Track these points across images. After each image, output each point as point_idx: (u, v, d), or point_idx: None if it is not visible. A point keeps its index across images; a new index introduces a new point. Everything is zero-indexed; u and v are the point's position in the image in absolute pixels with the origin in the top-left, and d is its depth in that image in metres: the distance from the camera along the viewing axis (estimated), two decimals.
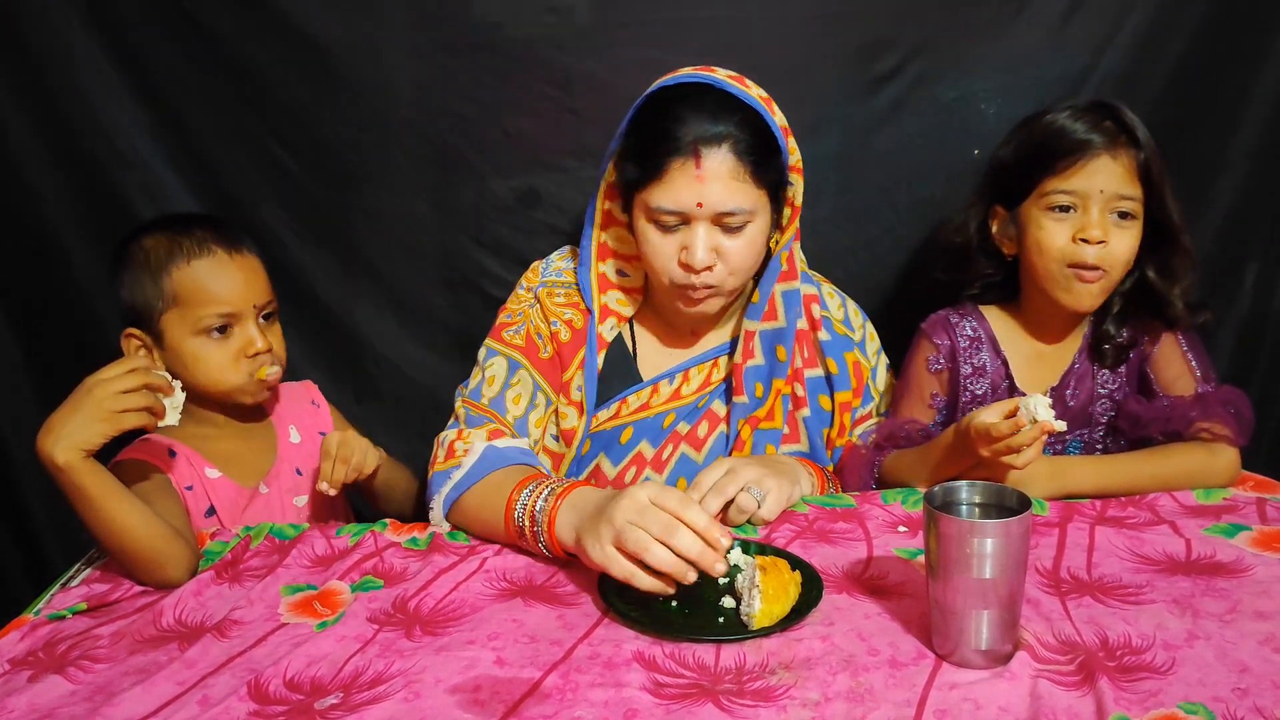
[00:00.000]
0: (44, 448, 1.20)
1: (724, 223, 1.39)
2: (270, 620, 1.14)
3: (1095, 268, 1.41)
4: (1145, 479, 1.41)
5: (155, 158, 1.73)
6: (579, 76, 1.72)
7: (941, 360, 1.53)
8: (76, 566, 1.33)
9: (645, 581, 1.10)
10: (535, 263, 1.61)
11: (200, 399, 1.49)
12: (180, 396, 1.29)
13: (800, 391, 1.54)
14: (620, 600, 1.12)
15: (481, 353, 1.56)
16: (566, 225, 1.78)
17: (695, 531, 1.09)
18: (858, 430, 1.58)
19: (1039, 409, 1.28)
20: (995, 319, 1.56)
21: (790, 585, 1.10)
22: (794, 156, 1.45)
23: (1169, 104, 1.77)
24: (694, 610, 1.11)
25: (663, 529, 1.09)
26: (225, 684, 1.01)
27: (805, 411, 1.54)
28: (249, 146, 1.76)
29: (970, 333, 1.54)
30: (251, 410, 1.57)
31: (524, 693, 0.98)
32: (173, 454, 1.48)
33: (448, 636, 1.09)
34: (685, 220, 1.39)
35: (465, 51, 1.71)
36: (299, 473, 1.59)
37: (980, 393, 1.51)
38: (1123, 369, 1.51)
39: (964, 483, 1.06)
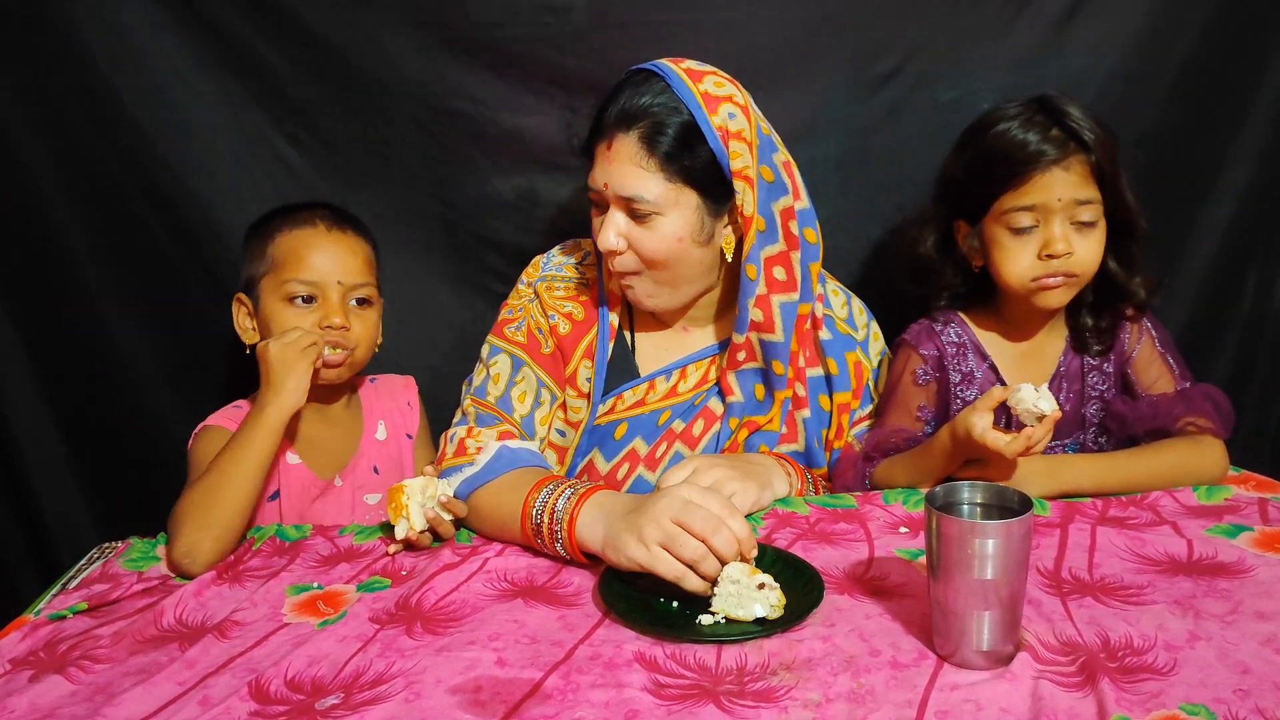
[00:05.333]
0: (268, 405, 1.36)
1: (631, 209, 1.39)
2: (273, 620, 1.14)
3: (1061, 274, 1.41)
4: (1141, 475, 1.42)
5: (159, 155, 1.73)
6: (577, 76, 1.72)
7: (929, 372, 1.52)
8: (78, 566, 1.33)
9: (694, 583, 1.11)
10: (536, 257, 1.61)
11: None
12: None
13: (801, 392, 1.53)
14: (621, 601, 1.12)
15: (485, 349, 1.56)
16: (567, 224, 1.78)
17: (735, 537, 1.11)
18: (855, 431, 1.57)
19: (1041, 403, 1.28)
20: (976, 323, 1.55)
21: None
22: (739, 162, 1.39)
23: (1170, 104, 1.77)
24: (695, 611, 1.10)
25: (704, 527, 1.10)
26: (226, 684, 1.01)
27: (805, 412, 1.54)
28: (252, 144, 1.76)
29: (955, 339, 1.53)
30: (344, 397, 1.59)
31: (525, 693, 0.97)
32: None
33: (449, 637, 1.09)
34: (605, 203, 1.41)
35: (465, 50, 1.72)
36: (376, 471, 1.59)
37: (971, 399, 1.50)
38: (1109, 368, 1.51)
39: (965, 483, 1.06)
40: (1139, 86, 1.76)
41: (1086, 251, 1.41)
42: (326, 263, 1.48)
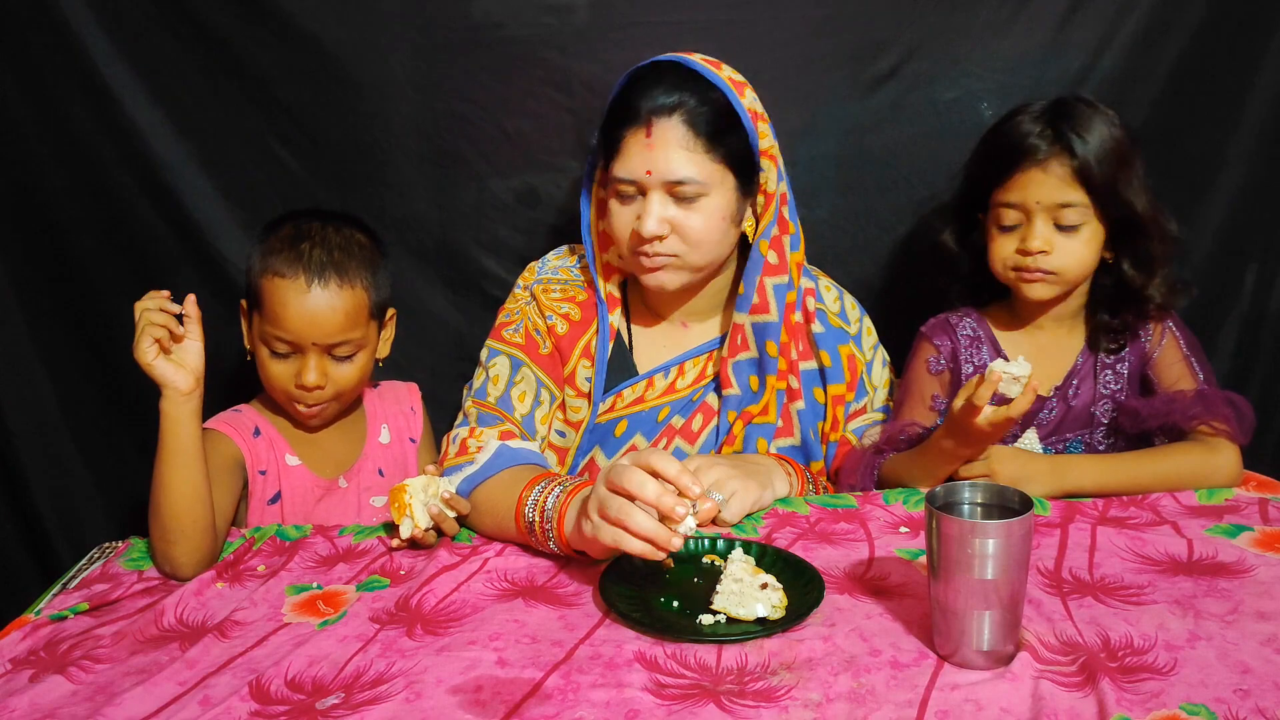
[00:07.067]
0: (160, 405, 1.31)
1: (676, 193, 1.39)
2: (273, 620, 1.15)
3: (1037, 270, 1.44)
4: (1147, 477, 1.41)
5: (158, 157, 1.73)
6: (577, 77, 1.72)
7: (943, 362, 1.53)
8: (78, 566, 1.33)
9: (635, 545, 1.08)
10: (531, 263, 1.62)
11: None
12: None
13: (795, 384, 1.54)
14: (621, 600, 1.12)
15: (484, 353, 1.57)
16: (566, 225, 1.78)
17: (667, 479, 1.08)
18: (851, 425, 1.58)
19: (1012, 367, 1.29)
20: (994, 319, 1.56)
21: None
22: (765, 141, 1.45)
23: (1167, 104, 1.77)
24: (695, 611, 1.10)
25: (633, 484, 1.08)
26: (226, 684, 1.01)
27: (799, 404, 1.55)
28: (250, 146, 1.75)
29: (970, 333, 1.54)
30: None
31: (525, 693, 0.98)
32: (258, 433, 1.50)
33: (449, 637, 1.09)
34: (641, 190, 1.41)
35: (465, 52, 1.71)
36: (381, 473, 1.59)
37: None
38: (1125, 370, 1.51)
39: (966, 483, 1.06)
40: (1134, 87, 1.76)
41: (1068, 253, 1.43)
42: (304, 324, 1.43)
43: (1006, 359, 1.51)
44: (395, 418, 1.64)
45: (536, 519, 1.24)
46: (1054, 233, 1.43)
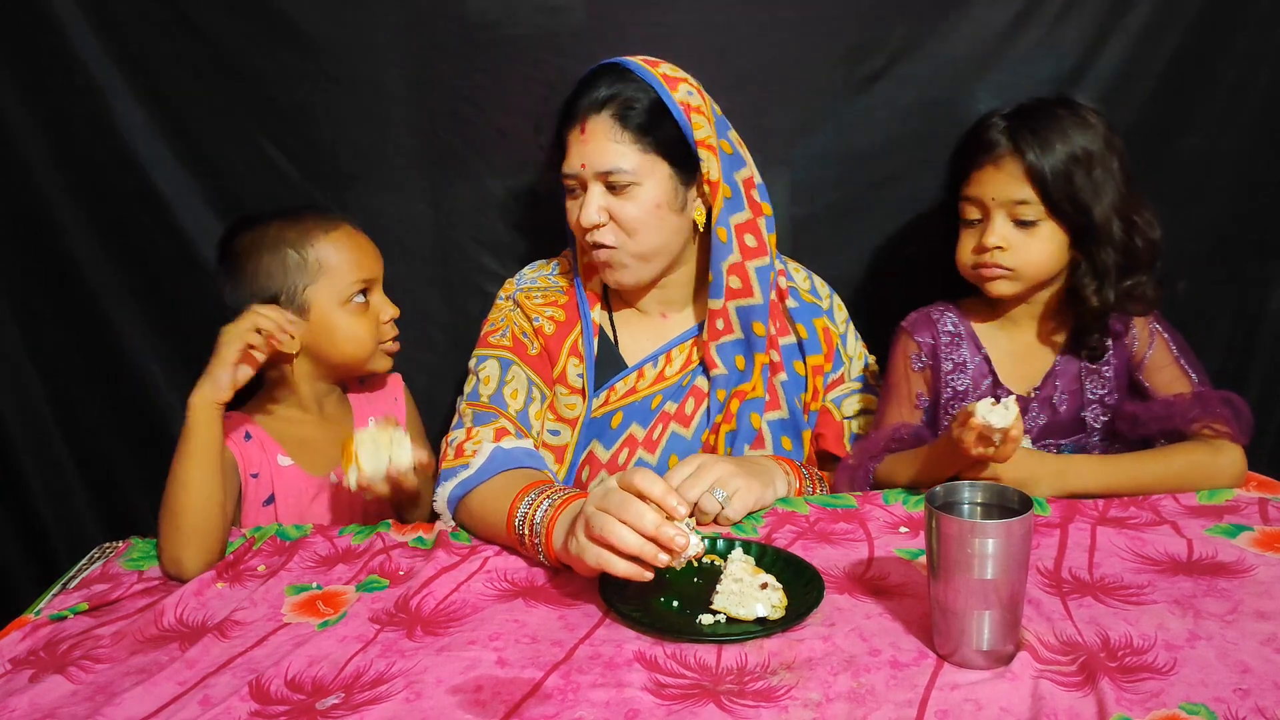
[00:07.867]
0: (191, 394, 1.32)
1: (609, 183, 1.46)
2: (273, 620, 1.15)
3: (996, 266, 1.44)
4: (1149, 478, 1.41)
5: (152, 158, 1.73)
6: (573, 77, 1.70)
7: (924, 358, 1.53)
8: (78, 566, 1.33)
9: (620, 566, 1.08)
10: (509, 279, 1.66)
11: (313, 375, 1.57)
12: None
13: (777, 358, 1.59)
14: (621, 600, 1.12)
15: (472, 361, 1.59)
16: (562, 224, 1.77)
17: (653, 500, 1.08)
18: (830, 395, 1.62)
19: (991, 417, 1.25)
20: (975, 316, 1.55)
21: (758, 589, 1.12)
22: (701, 132, 1.48)
23: (1162, 103, 1.77)
24: (695, 611, 1.10)
25: (619, 505, 1.08)
26: (226, 684, 1.01)
27: (783, 376, 1.60)
28: (244, 146, 1.75)
29: (951, 328, 1.54)
30: (331, 397, 1.61)
31: (525, 693, 0.98)
32: (249, 437, 1.50)
33: (449, 637, 1.09)
34: (582, 184, 1.48)
35: (461, 51, 1.72)
36: None
37: (962, 389, 1.51)
38: (1110, 373, 1.51)
39: (965, 483, 1.06)
40: (1129, 85, 1.76)
41: (1025, 251, 1.43)
42: (370, 257, 1.56)
43: (993, 367, 1.51)
44: (379, 410, 1.66)
45: (525, 533, 1.24)
46: (1012, 230, 1.43)
